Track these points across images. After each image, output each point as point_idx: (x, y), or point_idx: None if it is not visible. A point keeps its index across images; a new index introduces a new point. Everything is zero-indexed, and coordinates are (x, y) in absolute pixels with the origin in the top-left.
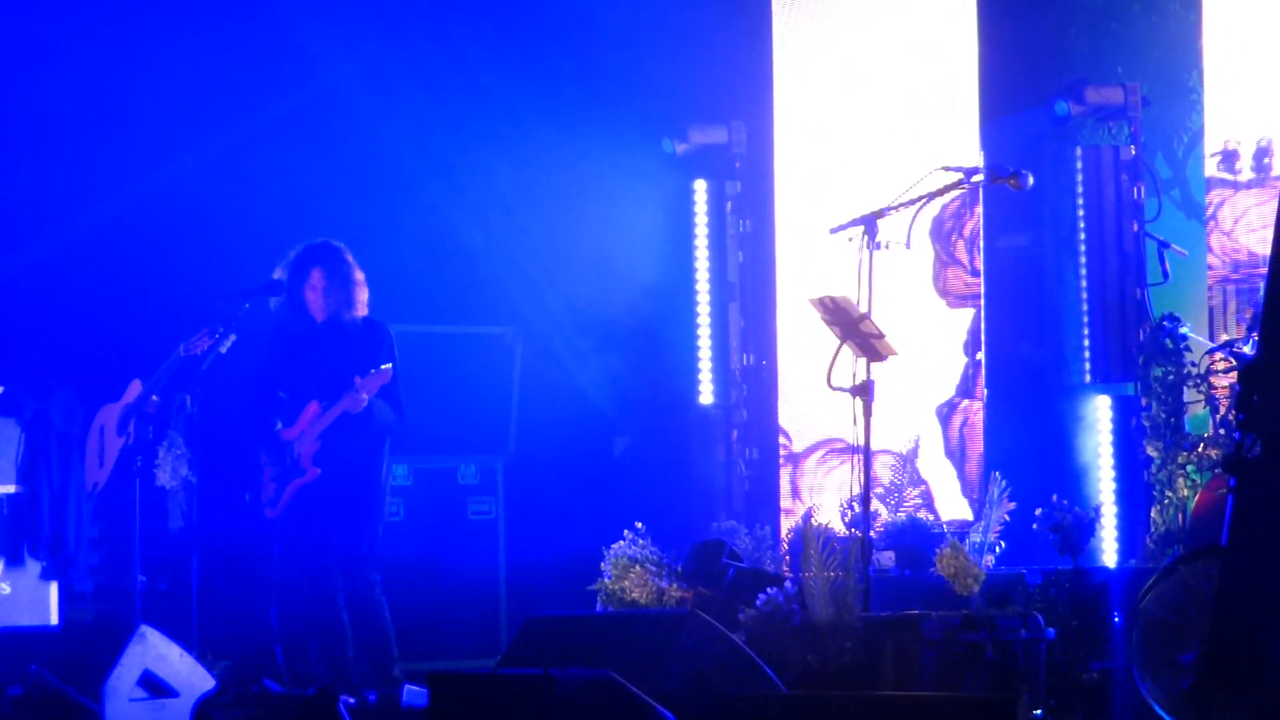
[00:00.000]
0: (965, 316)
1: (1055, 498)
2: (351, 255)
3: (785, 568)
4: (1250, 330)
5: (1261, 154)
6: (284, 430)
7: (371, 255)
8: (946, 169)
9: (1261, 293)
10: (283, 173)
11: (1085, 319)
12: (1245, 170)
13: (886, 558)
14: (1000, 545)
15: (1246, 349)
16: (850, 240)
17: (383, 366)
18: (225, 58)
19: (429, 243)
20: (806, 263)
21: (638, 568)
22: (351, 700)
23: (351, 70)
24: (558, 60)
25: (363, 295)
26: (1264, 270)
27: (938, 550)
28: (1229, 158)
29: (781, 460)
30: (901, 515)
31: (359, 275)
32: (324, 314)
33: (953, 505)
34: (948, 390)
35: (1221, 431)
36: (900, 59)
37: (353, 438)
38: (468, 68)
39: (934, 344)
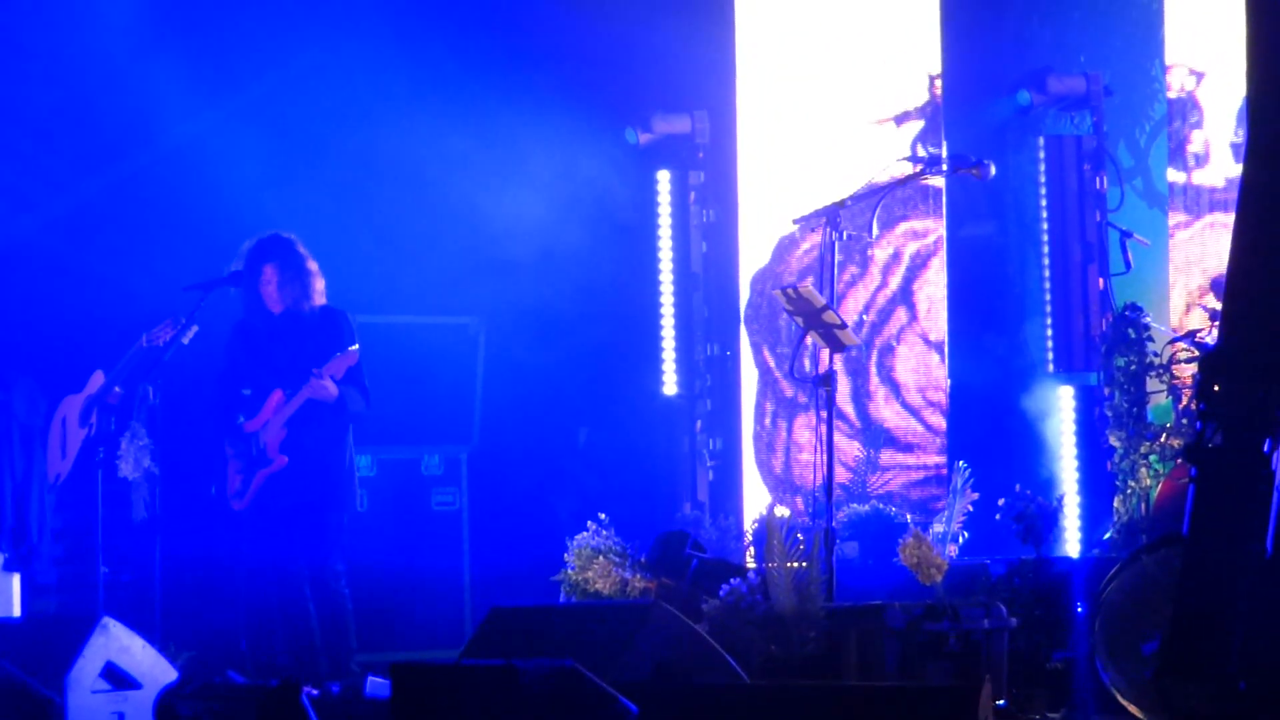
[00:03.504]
0: None
1: (1018, 487)
2: (303, 245)
3: (749, 558)
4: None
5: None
6: (248, 423)
7: (335, 246)
8: (909, 159)
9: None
10: (243, 164)
11: (1048, 309)
12: None
13: (850, 548)
14: (963, 535)
15: (1208, 338)
16: (813, 230)
17: (350, 349)
18: (184, 51)
19: (393, 233)
20: (770, 253)
21: (601, 558)
22: (314, 691)
23: (312, 61)
24: (520, 49)
25: (319, 284)
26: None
27: (901, 540)
28: None
29: None
30: (865, 507)
31: (312, 265)
32: (281, 306)
33: None
34: None
35: (1184, 421)
36: (864, 48)
37: (319, 425)
38: (429, 57)
39: None
